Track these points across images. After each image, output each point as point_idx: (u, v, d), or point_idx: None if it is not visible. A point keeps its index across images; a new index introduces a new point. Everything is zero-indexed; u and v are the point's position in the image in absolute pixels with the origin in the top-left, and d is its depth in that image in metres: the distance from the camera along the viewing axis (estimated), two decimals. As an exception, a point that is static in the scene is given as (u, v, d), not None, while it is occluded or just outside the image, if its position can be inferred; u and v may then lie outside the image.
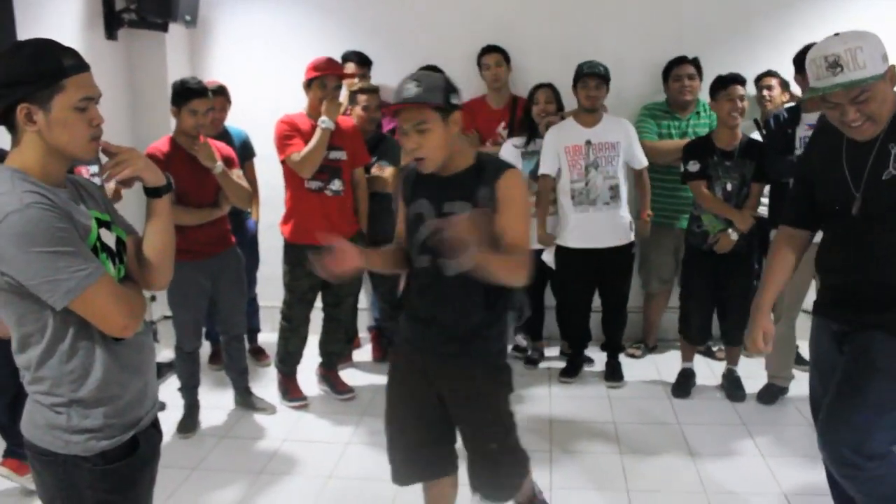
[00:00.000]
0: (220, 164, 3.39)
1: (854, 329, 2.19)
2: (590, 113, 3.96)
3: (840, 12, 4.39)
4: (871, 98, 2.00)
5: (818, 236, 2.35)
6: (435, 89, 2.04)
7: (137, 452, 1.70)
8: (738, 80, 3.70)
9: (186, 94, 3.34)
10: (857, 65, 1.95)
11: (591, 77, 3.88)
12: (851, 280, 2.18)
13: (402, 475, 2.38)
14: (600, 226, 3.97)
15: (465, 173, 2.14)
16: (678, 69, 4.32)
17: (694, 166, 3.78)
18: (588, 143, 3.94)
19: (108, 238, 1.67)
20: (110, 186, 2.97)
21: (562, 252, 4.08)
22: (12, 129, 1.57)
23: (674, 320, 4.25)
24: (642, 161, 4.07)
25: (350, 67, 4.33)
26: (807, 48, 3.53)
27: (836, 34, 2.03)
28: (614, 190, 3.96)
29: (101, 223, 1.66)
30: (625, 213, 4.02)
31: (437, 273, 2.13)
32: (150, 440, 1.78)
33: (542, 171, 4.04)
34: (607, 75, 3.92)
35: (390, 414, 2.37)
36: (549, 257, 4.13)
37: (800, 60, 3.59)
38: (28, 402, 1.67)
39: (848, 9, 4.41)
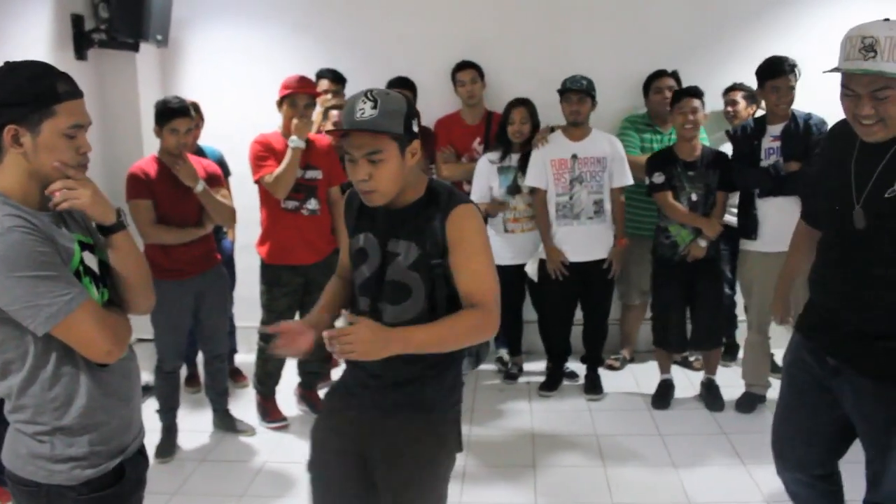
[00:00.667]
0: (201, 182, 3.37)
1: (839, 360, 2.06)
2: (577, 127, 3.98)
3: (815, 22, 4.49)
4: (891, 99, 1.82)
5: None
6: (394, 114, 1.72)
7: (124, 480, 1.67)
8: (691, 92, 3.76)
9: (168, 113, 3.32)
10: (893, 57, 1.76)
11: (574, 92, 3.91)
12: (841, 300, 2.03)
13: None
14: (584, 239, 3.99)
15: (413, 206, 1.83)
16: (658, 82, 4.37)
17: (659, 178, 3.82)
18: (574, 157, 3.96)
19: (92, 261, 1.65)
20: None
21: (545, 264, 4.08)
22: None
23: (648, 331, 4.29)
24: (623, 180, 4.04)
25: (324, 84, 4.32)
26: (768, 61, 3.61)
27: (887, 19, 1.83)
28: (598, 205, 3.98)
29: (84, 246, 1.64)
30: (609, 225, 4.04)
31: (376, 318, 1.81)
32: (137, 467, 1.74)
33: (532, 184, 4.04)
34: (590, 89, 3.93)
35: (313, 459, 2.01)
36: (531, 269, 4.13)
37: (761, 72, 3.64)
38: (9, 431, 1.62)
39: (823, 18, 4.49)
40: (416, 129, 1.80)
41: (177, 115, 3.32)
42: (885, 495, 2.00)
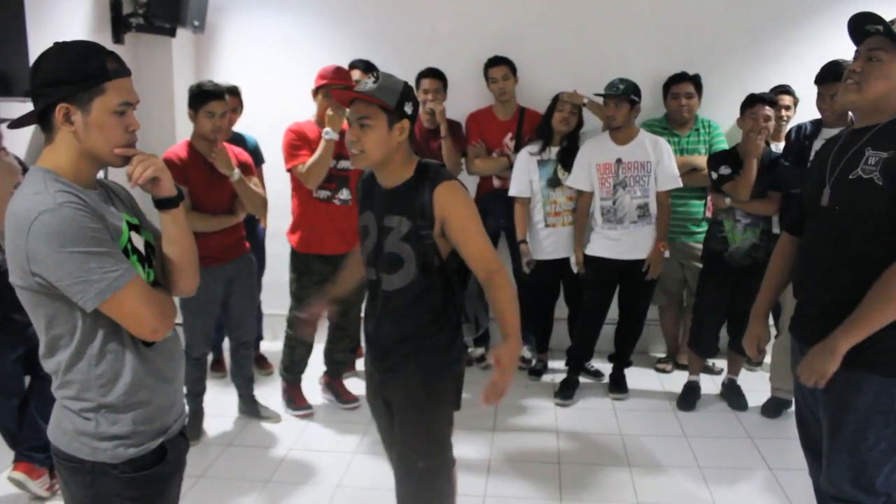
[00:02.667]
0: (237, 171, 3.38)
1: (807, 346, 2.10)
2: (621, 130, 3.91)
3: (845, 28, 4.42)
4: (880, 64, 1.94)
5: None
6: (390, 91, 2.03)
7: (165, 460, 1.68)
8: (764, 99, 3.73)
9: (203, 96, 3.32)
10: None
11: (610, 97, 3.84)
12: (820, 287, 2.09)
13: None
14: (627, 241, 3.93)
15: (404, 185, 2.11)
16: (676, 87, 4.32)
17: (726, 170, 3.76)
18: (619, 161, 3.89)
19: (138, 241, 1.66)
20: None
21: (588, 259, 4.04)
22: (48, 128, 1.56)
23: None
24: (668, 183, 3.93)
25: (355, 75, 4.32)
26: (824, 66, 3.55)
27: None
28: (643, 209, 3.90)
29: (131, 226, 1.65)
30: (654, 229, 3.96)
31: (379, 287, 2.17)
32: (178, 448, 1.75)
33: (576, 185, 4.01)
34: (629, 92, 3.81)
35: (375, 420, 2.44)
36: (575, 261, 4.11)
37: (817, 77, 3.59)
38: (55, 407, 1.64)
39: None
40: (408, 111, 2.07)
41: (212, 97, 3.33)
42: (829, 482, 2.07)
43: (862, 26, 2.00)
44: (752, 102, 3.75)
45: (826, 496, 2.11)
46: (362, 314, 2.39)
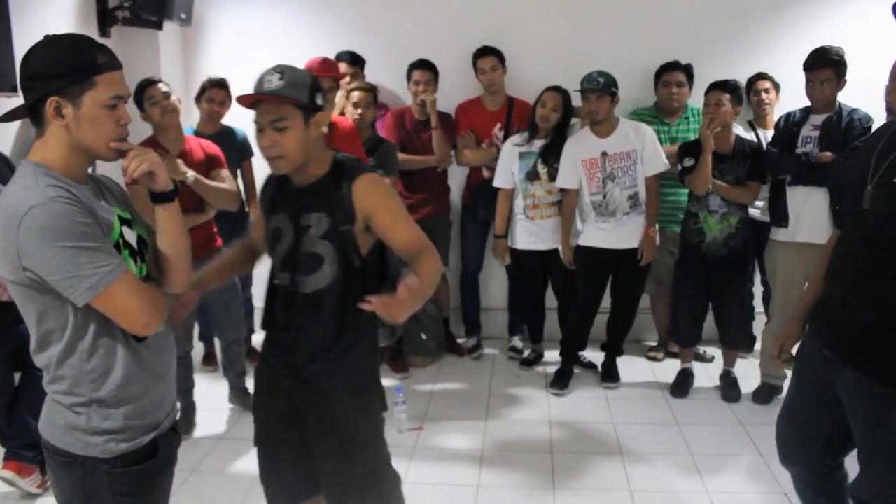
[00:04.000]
0: (190, 173, 3.26)
1: (834, 353, 2.03)
2: (602, 123, 3.90)
3: (836, 15, 4.46)
4: None
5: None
6: (300, 85, 1.87)
7: (157, 455, 1.68)
8: (719, 86, 3.74)
9: (144, 85, 3.33)
10: None
11: (589, 91, 3.82)
12: (852, 288, 1.97)
13: (274, 497, 2.23)
14: (620, 231, 3.93)
15: (321, 181, 1.97)
16: (668, 75, 4.33)
17: (689, 162, 3.79)
18: (604, 154, 3.89)
19: (130, 236, 1.65)
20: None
21: (581, 250, 4.05)
22: (38, 121, 1.55)
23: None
24: (655, 167, 3.92)
25: (341, 67, 4.32)
26: (814, 52, 3.56)
27: None
28: (633, 199, 3.91)
29: (123, 221, 1.64)
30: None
31: (294, 291, 2.00)
32: (170, 444, 1.75)
33: (563, 185, 4.00)
34: (608, 85, 3.80)
35: (257, 438, 2.23)
36: (566, 256, 4.10)
37: (809, 64, 3.59)
38: (47, 402, 1.64)
39: (844, 11, 4.47)
40: (319, 102, 1.93)
41: (150, 84, 3.33)
42: (858, 488, 2.00)
43: None
44: (708, 90, 3.78)
45: (855, 500, 2.02)
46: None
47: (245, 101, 1.92)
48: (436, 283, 1.93)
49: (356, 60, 4.48)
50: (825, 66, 3.53)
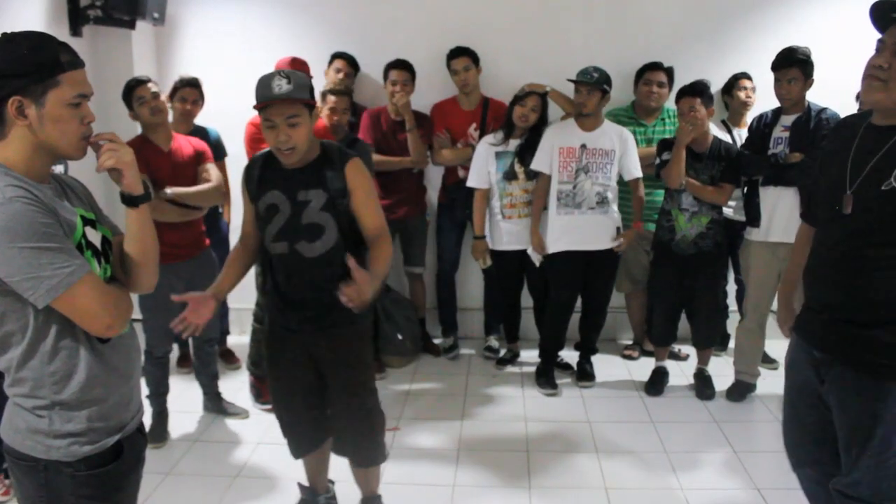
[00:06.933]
0: (168, 190, 3.31)
1: (825, 352, 2.04)
2: (587, 117, 3.93)
3: (809, 15, 4.50)
4: None
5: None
6: (303, 87, 2.24)
7: (122, 458, 1.66)
8: (688, 91, 3.78)
9: (133, 85, 3.37)
10: None
11: (583, 84, 3.85)
12: (833, 288, 1.98)
13: (299, 448, 2.67)
14: (585, 229, 3.94)
15: (314, 163, 2.34)
16: (650, 74, 4.34)
17: (667, 156, 3.81)
18: (583, 146, 3.91)
19: (94, 236, 1.63)
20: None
21: (547, 256, 4.04)
22: (0, 121, 1.52)
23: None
24: (634, 173, 4.00)
25: (338, 65, 4.37)
26: (783, 52, 3.61)
27: None
28: (601, 196, 3.92)
29: (87, 221, 1.62)
30: (613, 216, 3.98)
31: (297, 257, 2.35)
32: (136, 445, 1.73)
33: (537, 168, 3.99)
34: (601, 81, 3.83)
35: (277, 395, 2.62)
36: (535, 255, 4.09)
37: (777, 63, 3.64)
38: (8, 405, 1.61)
39: (817, 12, 4.51)
40: (315, 96, 2.38)
41: (139, 84, 3.36)
42: (846, 483, 2.00)
43: (889, 13, 1.77)
44: (678, 97, 3.84)
45: (842, 495, 2.02)
46: None
47: (261, 105, 2.22)
48: (389, 266, 2.36)
49: (353, 63, 4.49)
50: (792, 65, 3.57)
